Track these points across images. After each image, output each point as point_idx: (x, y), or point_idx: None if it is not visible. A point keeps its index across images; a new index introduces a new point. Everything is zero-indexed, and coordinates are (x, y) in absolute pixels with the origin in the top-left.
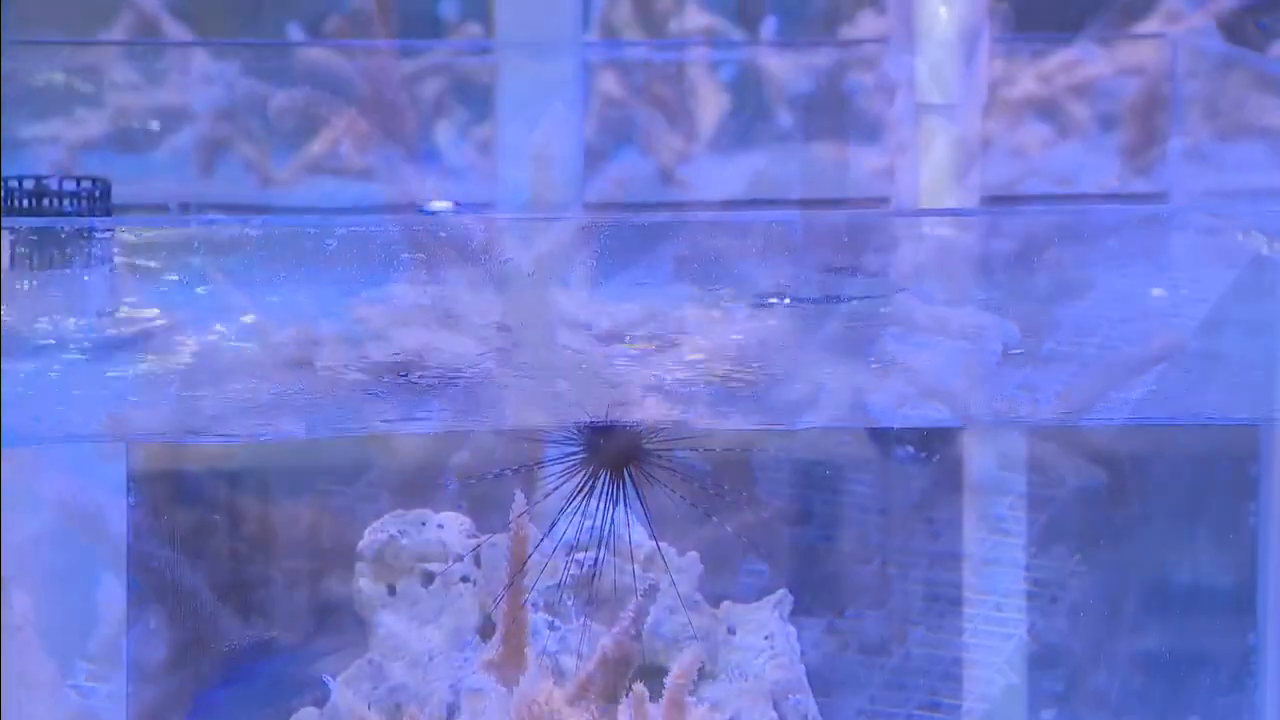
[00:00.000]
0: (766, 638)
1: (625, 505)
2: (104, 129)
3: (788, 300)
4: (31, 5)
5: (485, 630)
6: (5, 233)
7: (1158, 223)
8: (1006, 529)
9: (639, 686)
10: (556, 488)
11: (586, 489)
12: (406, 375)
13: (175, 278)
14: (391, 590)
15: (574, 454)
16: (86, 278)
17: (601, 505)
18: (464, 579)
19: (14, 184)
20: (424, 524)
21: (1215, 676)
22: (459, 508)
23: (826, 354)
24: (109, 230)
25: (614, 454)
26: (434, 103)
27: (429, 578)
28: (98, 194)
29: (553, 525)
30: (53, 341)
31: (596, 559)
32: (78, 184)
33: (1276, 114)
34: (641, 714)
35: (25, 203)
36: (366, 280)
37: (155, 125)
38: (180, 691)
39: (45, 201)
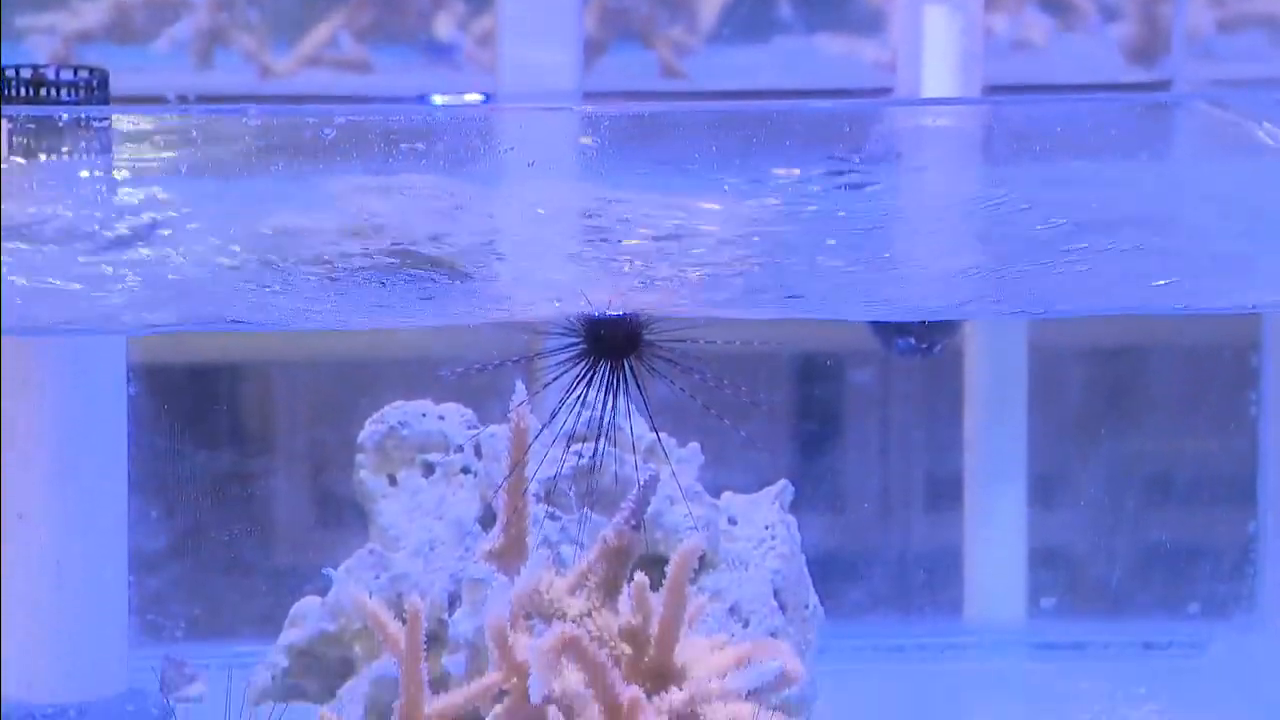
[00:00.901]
0: (767, 528)
1: (626, 396)
2: (102, 20)
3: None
4: None
5: (486, 520)
6: (4, 121)
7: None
8: (1007, 419)
9: (640, 576)
10: (557, 378)
11: (587, 380)
12: (406, 267)
13: (173, 169)
14: (392, 481)
15: (574, 345)
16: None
17: (601, 396)
18: (465, 470)
19: (12, 73)
20: (424, 415)
21: (1215, 565)
22: (460, 399)
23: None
24: (106, 119)
25: (614, 345)
26: None
27: (430, 468)
28: (95, 84)
29: (553, 416)
30: (52, 231)
31: (597, 450)
32: (75, 74)
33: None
34: (642, 603)
35: (23, 92)
36: (365, 171)
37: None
38: (181, 581)
39: (43, 91)
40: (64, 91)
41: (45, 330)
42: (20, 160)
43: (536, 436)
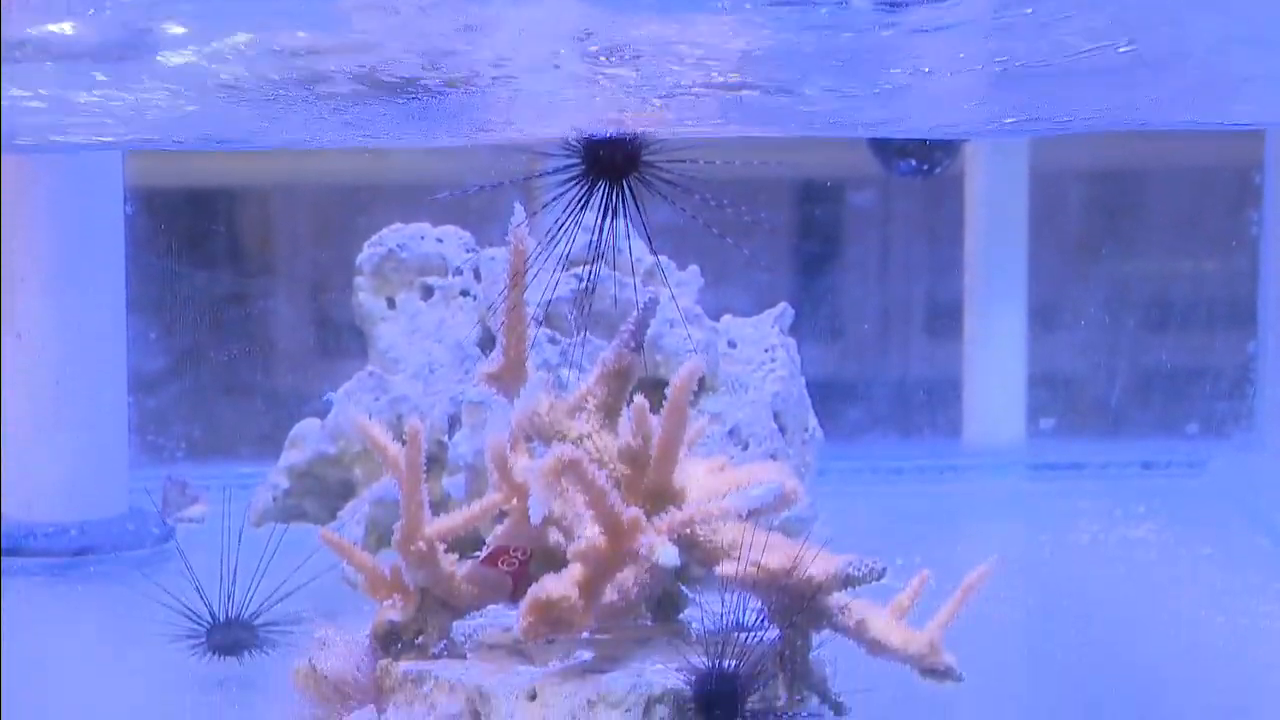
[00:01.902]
0: (767, 350)
1: (625, 218)
2: None
3: None
4: None
5: (485, 343)
6: None
7: None
8: (1007, 241)
9: (639, 398)
10: (555, 199)
11: (585, 201)
12: (405, 87)
13: None
14: (391, 304)
15: (573, 166)
16: None
17: (601, 218)
18: (464, 293)
19: None
20: (423, 238)
21: (1215, 384)
22: (458, 222)
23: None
24: None
25: (613, 165)
26: None
27: (429, 291)
28: None
29: (551, 237)
30: (51, 46)
31: (595, 273)
32: None
33: None
34: (642, 425)
35: None
36: None
37: None
38: (180, 401)
39: None
40: None
41: (43, 146)
42: None
43: (535, 258)
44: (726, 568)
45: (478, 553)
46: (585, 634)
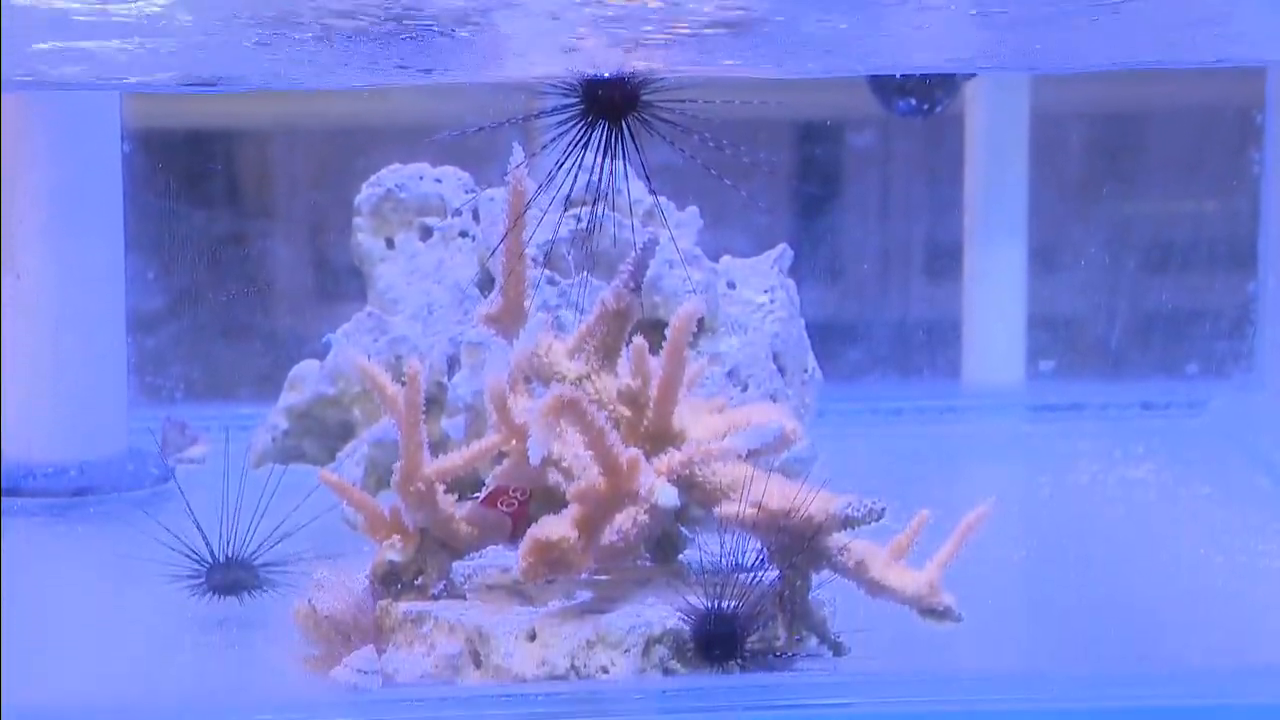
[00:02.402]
0: (766, 291)
1: (624, 158)
2: None
3: None
4: None
5: (484, 284)
6: None
7: None
8: (1008, 181)
9: (639, 339)
10: (554, 139)
11: (584, 142)
12: (402, 24)
13: None
14: (390, 244)
15: (572, 106)
16: None
17: (600, 158)
18: (463, 234)
19: None
20: (421, 178)
21: (1215, 325)
22: (457, 162)
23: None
24: None
25: (612, 105)
26: None
27: (427, 232)
28: None
29: (550, 178)
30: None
31: (595, 213)
32: None
33: None
34: (641, 366)
35: None
36: None
37: None
38: (179, 342)
39: None
40: None
41: (41, 84)
42: None
43: (533, 199)
44: (726, 508)
45: (477, 494)
46: (584, 575)
